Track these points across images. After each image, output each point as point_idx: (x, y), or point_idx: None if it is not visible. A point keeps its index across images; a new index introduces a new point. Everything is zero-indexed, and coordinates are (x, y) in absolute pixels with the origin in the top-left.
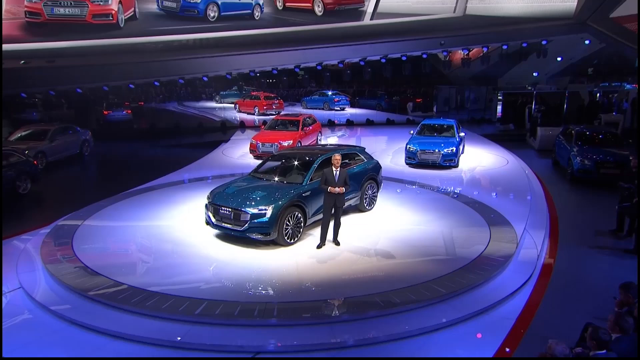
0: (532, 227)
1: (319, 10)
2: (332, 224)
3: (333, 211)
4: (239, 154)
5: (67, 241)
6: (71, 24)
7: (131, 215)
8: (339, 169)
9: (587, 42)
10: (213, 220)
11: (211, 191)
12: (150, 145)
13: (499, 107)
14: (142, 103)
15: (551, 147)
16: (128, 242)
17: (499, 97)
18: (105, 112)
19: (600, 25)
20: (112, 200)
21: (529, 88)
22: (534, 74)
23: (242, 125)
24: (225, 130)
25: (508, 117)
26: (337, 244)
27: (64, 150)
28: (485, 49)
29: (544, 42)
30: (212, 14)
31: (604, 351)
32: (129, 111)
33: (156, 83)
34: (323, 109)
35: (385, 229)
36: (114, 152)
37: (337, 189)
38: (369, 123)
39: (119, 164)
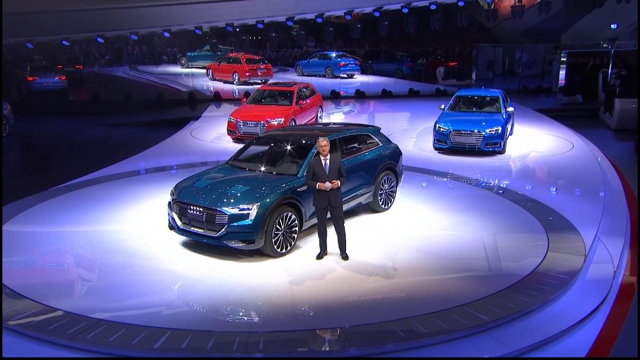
0: (606, 233)
1: None
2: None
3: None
4: (213, 136)
5: None
6: None
7: (67, 217)
8: (328, 158)
9: None
10: (179, 223)
11: (176, 185)
12: (93, 123)
13: (562, 73)
14: (81, 67)
15: (634, 125)
16: (63, 254)
17: (563, 59)
18: (30, 79)
19: None
20: (41, 198)
21: (605, 45)
22: (612, 26)
23: (217, 98)
24: (195, 104)
25: (574, 85)
26: (345, 258)
27: None
28: None
29: None
30: None
31: None
32: (63, 77)
33: (100, 40)
34: (325, 76)
35: (406, 235)
36: (42, 132)
37: (328, 184)
38: (385, 95)
39: (49, 149)
